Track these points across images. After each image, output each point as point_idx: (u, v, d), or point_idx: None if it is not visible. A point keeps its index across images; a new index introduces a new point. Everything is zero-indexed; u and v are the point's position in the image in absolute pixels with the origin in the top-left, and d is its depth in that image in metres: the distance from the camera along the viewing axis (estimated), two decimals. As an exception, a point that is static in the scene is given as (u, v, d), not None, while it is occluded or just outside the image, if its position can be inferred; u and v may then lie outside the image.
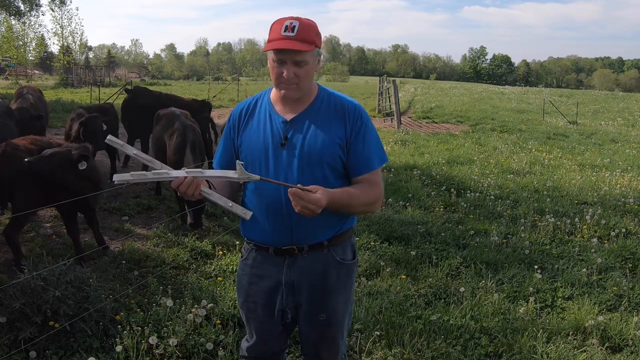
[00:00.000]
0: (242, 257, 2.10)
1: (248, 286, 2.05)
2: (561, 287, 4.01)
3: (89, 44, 78.83)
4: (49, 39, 48.95)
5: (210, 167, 2.15)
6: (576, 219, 5.56)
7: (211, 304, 3.36)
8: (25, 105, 6.60)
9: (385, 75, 25.26)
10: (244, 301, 2.09)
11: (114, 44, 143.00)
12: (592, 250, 4.78)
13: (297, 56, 1.77)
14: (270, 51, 1.81)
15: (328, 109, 1.92)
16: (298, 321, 2.08)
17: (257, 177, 1.72)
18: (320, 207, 1.71)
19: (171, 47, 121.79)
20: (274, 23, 1.82)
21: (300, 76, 1.81)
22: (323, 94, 1.96)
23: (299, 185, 1.70)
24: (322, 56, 1.90)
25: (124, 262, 4.25)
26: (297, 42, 1.75)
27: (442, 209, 6.21)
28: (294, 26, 1.76)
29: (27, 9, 30.13)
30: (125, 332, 2.96)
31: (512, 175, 8.19)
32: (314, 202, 1.69)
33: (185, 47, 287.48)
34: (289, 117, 1.89)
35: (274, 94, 1.95)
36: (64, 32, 40.31)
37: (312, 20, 1.83)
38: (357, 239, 4.87)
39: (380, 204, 1.98)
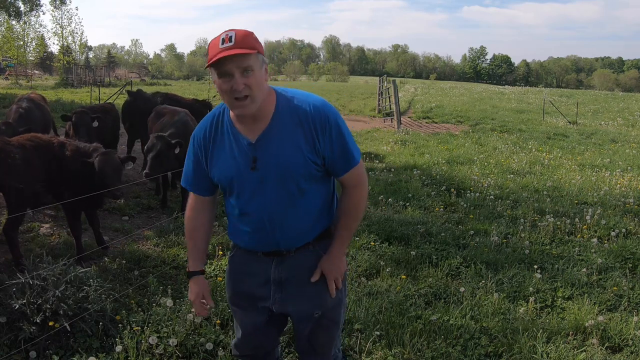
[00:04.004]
0: (230, 253, 2.14)
1: (234, 283, 2.10)
2: (561, 287, 4.01)
3: (89, 44, 78.96)
4: (49, 39, 48.96)
5: None
6: (576, 219, 5.56)
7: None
8: (13, 117, 6.36)
9: (385, 75, 25.26)
10: (231, 296, 2.14)
11: (114, 44, 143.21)
12: (592, 250, 4.78)
13: (242, 62, 1.70)
14: (213, 71, 1.74)
15: (291, 119, 1.82)
16: (291, 317, 2.11)
17: None
18: (344, 269, 2.00)
19: (171, 47, 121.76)
20: (210, 41, 1.76)
21: (251, 85, 1.72)
22: (282, 103, 1.84)
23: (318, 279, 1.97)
24: (267, 64, 1.81)
25: (124, 262, 4.25)
26: (237, 48, 1.69)
27: (442, 209, 6.21)
28: (231, 36, 1.71)
29: (27, 9, 30.14)
30: (125, 332, 2.96)
31: (512, 175, 8.19)
32: (340, 273, 1.98)
33: (185, 47, 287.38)
34: (253, 137, 1.83)
35: (232, 112, 1.88)
36: (64, 32, 40.30)
37: (249, 31, 1.76)
38: (357, 239, 4.87)
39: (366, 195, 2.00)
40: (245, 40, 1.71)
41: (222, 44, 1.70)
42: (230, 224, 2.03)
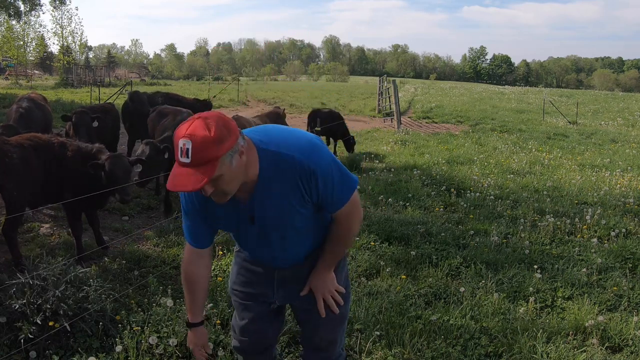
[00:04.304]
0: (236, 248, 2.17)
1: (236, 277, 2.13)
2: (561, 287, 4.01)
3: (88, 44, 78.99)
4: (49, 39, 49.06)
5: None
6: (576, 219, 5.56)
7: (211, 304, 3.36)
8: (14, 118, 6.33)
9: (385, 75, 25.26)
10: (233, 287, 2.16)
11: (114, 44, 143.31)
12: (592, 250, 4.77)
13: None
14: None
15: (278, 177, 1.74)
16: (295, 313, 2.15)
17: None
18: (332, 286, 2.01)
19: (171, 47, 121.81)
20: (175, 134, 1.59)
21: (220, 188, 1.63)
22: (267, 163, 1.72)
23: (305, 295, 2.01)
24: (241, 146, 1.61)
25: (124, 262, 4.25)
26: (194, 172, 1.53)
27: (442, 209, 6.21)
28: (187, 149, 1.51)
29: (27, 9, 30.15)
30: (125, 332, 2.96)
31: (512, 175, 8.19)
32: (328, 290, 2.00)
33: (185, 47, 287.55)
34: (244, 198, 1.79)
35: None
36: (64, 32, 40.32)
37: (208, 130, 1.52)
38: (357, 239, 4.87)
39: (357, 225, 1.95)
40: (203, 153, 1.51)
41: (181, 155, 1.54)
42: (236, 242, 2.12)
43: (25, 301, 2.93)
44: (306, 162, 1.72)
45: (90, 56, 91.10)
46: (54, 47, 47.69)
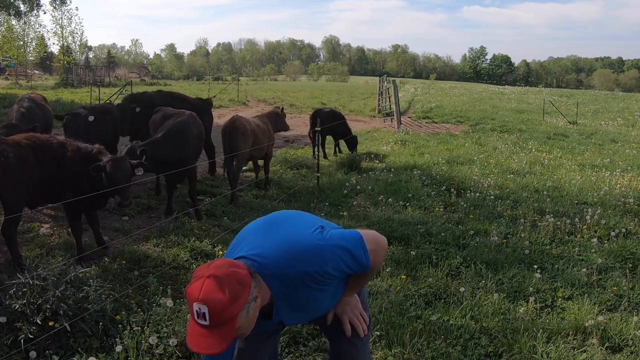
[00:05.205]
0: None
1: None
2: (561, 287, 4.01)
3: (88, 44, 79.03)
4: (49, 39, 49.11)
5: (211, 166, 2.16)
6: (576, 219, 5.56)
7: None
8: (15, 117, 6.33)
9: (385, 75, 25.26)
10: None
11: (114, 44, 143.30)
12: (592, 251, 4.77)
13: None
14: None
15: (292, 290, 1.76)
16: (324, 332, 2.20)
17: None
18: (357, 309, 2.04)
19: (171, 47, 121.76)
20: (186, 291, 1.58)
21: (241, 332, 1.62)
22: (276, 282, 1.73)
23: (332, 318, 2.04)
24: (255, 291, 1.62)
25: (124, 262, 4.25)
26: (214, 332, 1.53)
27: (442, 209, 6.21)
28: (204, 313, 1.51)
29: (27, 9, 30.14)
30: (125, 332, 2.95)
31: (512, 175, 8.19)
32: (354, 313, 2.02)
33: (185, 47, 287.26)
34: (266, 316, 1.79)
35: None
36: (64, 32, 40.40)
37: (222, 291, 1.51)
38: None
39: (385, 251, 1.95)
40: (220, 315, 1.52)
41: (197, 317, 1.54)
42: None
43: (25, 301, 2.93)
44: (316, 270, 1.74)
45: (90, 56, 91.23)
46: (54, 47, 47.83)
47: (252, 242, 1.80)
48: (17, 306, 2.90)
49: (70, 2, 79.46)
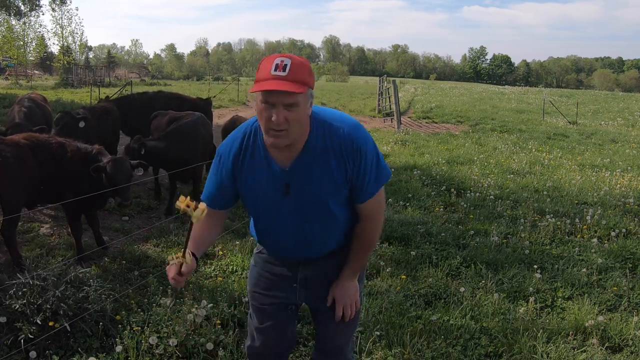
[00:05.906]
0: (256, 249, 2.15)
1: (258, 280, 2.11)
2: (561, 287, 4.01)
3: (88, 44, 79.05)
4: (49, 39, 49.03)
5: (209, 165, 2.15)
6: (576, 219, 5.56)
7: (211, 304, 3.35)
8: (18, 117, 6.35)
9: (385, 75, 25.28)
10: (252, 290, 2.14)
11: (114, 44, 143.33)
12: (592, 251, 4.77)
13: (289, 98, 1.62)
14: (259, 92, 1.66)
15: (325, 149, 1.78)
16: (313, 313, 2.16)
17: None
18: (355, 296, 2.01)
19: (171, 47, 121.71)
20: (263, 60, 1.68)
21: (291, 121, 1.66)
22: (318, 130, 1.78)
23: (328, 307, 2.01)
24: (314, 97, 1.74)
25: (124, 262, 4.25)
26: (288, 82, 1.61)
27: (442, 209, 6.21)
28: (286, 65, 1.61)
29: (27, 9, 30.15)
30: (125, 332, 2.95)
31: (512, 175, 8.19)
32: (350, 301, 2.00)
33: (185, 47, 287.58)
34: (286, 163, 1.79)
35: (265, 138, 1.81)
36: (64, 32, 40.36)
37: (304, 59, 1.69)
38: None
39: (380, 227, 1.99)
40: (299, 73, 1.63)
41: (275, 70, 1.61)
42: (257, 233, 2.04)
43: (25, 301, 2.93)
44: (355, 138, 1.79)
45: (90, 56, 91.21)
46: (54, 47, 47.79)
47: None
48: (17, 306, 2.90)
49: (70, 2, 79.39)
